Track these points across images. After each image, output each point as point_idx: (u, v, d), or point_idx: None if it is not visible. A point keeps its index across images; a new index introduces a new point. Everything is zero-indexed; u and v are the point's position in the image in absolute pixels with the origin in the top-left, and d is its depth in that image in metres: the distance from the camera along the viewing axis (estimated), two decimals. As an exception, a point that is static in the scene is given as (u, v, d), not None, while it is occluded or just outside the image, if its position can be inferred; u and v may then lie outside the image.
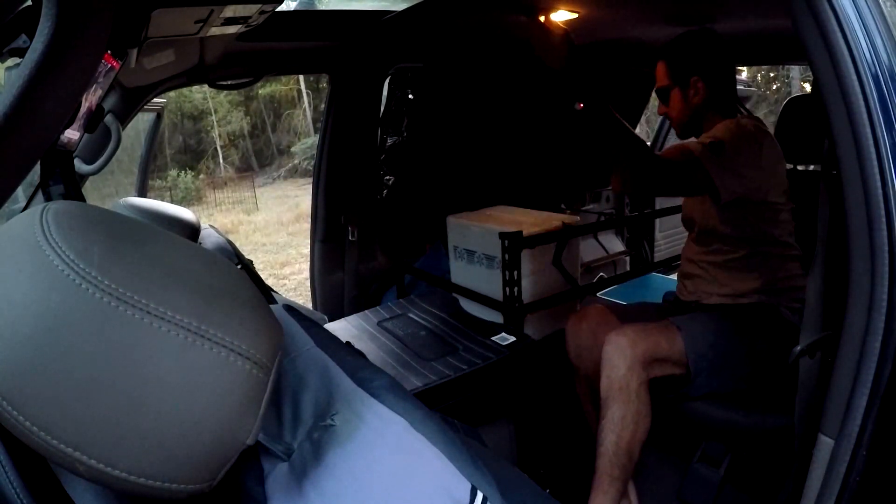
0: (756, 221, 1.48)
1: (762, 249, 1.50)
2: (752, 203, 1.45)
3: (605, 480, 1.37)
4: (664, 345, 1.40)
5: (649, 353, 1.38)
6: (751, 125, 1.45)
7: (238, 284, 0.47)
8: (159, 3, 0.97)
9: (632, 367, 1.36)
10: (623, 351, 1.37)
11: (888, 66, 0.79)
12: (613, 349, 1.38)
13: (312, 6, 2.16)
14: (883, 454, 0.82)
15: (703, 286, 1.58)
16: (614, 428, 1.36)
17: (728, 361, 1.41)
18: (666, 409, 1.45)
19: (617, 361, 1.37)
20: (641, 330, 1.41)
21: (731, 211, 1.47)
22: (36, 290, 0.37)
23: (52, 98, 0.59)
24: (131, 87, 1.60)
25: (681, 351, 1.40)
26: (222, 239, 1.46)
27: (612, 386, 1.37)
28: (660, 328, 1.44)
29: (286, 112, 16.82)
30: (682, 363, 1.41)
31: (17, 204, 1.31)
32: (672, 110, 1.58)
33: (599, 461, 1.38)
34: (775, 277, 1.50)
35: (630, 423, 1.36)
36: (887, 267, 0.77)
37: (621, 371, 1.36)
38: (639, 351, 1.37)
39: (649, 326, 1.44)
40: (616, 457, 1.36)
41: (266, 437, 0.49)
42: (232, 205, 12.43)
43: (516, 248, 1.73)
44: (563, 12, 1.82)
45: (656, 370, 1.39)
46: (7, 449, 0.44)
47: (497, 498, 0.47)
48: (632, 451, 1.37)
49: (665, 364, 1.40)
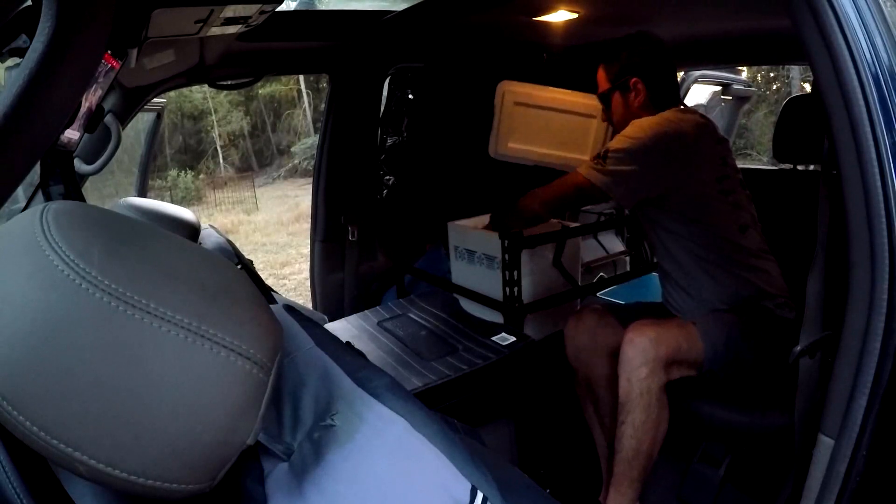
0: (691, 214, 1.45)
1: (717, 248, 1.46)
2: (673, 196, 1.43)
3: (624, 482, 1.36)
4: (684, 345, 1.36)
5: (671, 355, 1.34)
6: (658, 120, 1.44)
7: (238, 284, 0.47)
8: (159, 3, 0.97)
9: (653, 371, 1.32)
10: (645, 353, 1.32)
11: (888, 66, 0.79)
12: (635, 351, 1.33)
13: (312, 6, 2.16)
14: (883, 454, 0.82)
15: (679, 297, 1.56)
16: (635, 433, 1.34)
17: (737, 355, 1.39)
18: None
19: (637, 364, 1.32)
20: (661, 328, 1.36)
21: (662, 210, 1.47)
22: (36, 290, 0.37)
23: (52, 98, 0.59)
24: (131, 87, 1.60)
25: (699, 350, 1.37)
26: (222, 239, 1.46)
27: (632, 390, 1.33)
28: (679, 327, 1.40)
29: (286, 112, 16.81)
30: (696, 364, 1.38)
31: (17, 204, 1.31)
32: (614, 114, 1.58)
33: (618, 466, 1.37)
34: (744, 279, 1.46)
35: (651, 429, 1.34)
36: (887, 267, 0.77)
37: (642, 374, 1.32)
38: (661, 352, 1.32)
39: (667, 324, 1.40)
40: (636, 461, 1.35)
41: (266, 437, 0.49)
42: (232, 205, 12.43)
43: (516, 248, 1.73)
44: (563, 12, 1.82)
45: (674, 373, 1.36)
46: (7, 449, 0.44)
47: (497, 498, 0.47)
48: (651, 455, 1.36)
49: (682, 366, 1.37)
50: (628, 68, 1.53)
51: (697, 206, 1.45)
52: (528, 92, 1.88)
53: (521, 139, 1.92)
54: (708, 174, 1.45)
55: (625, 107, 1.55)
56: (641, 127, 1.43)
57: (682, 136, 1.43)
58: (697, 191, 1.44)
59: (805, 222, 1.39)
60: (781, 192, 1.84)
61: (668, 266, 1.56)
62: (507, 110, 1.90)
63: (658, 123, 1.43)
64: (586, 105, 1.82)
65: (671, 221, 1.48)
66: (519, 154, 1.91)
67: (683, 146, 1.43)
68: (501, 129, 1.92)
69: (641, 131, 1.42)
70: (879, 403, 0.79)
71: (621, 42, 1.56)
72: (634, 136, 1.42)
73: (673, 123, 1.43)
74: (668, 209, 1.46)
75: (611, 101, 1.58)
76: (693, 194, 1.44)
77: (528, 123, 1.90)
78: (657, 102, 1.52)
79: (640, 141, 1.41)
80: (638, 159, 1.40)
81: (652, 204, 1.47)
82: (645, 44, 1.54)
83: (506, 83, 1.89)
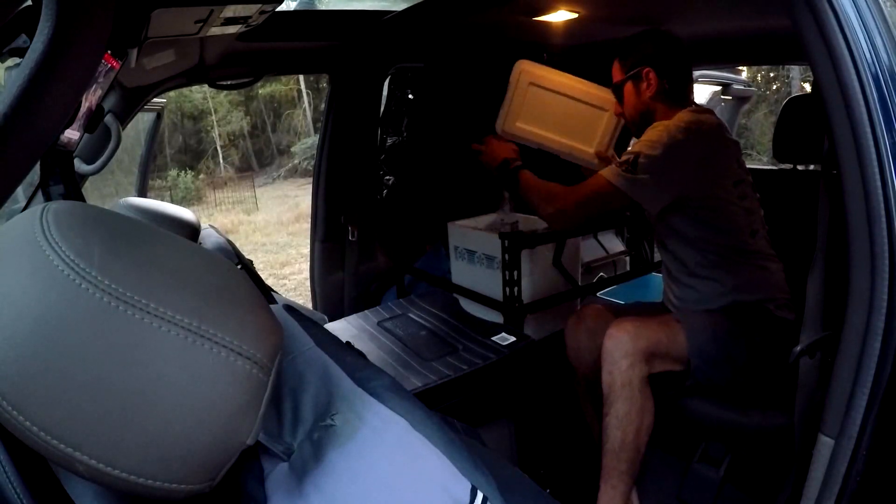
0: (708, 219, 1.45)
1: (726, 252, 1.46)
2: (693, 200, 1.43)
3: (613, 475, 1.37)
4: (664, 339, 1.39)
5: (650, 348, 1.36)
6: (684, 123, 1.43)
7: (238, 284, 0.47)
8: (159, 3, 0.97)
9: (633, 364, 1.35)
10: (623, 346, 1.35)
11: (888, 66, 0.79)
12: (614, 344, 1.37)
13: (312, 6, 2.16)
14: (883, 454, 0.82)
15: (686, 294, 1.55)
16: (619, 424, 1.36)
17: (728, 354, 1.39)
18: (667, 409, 1.45)
19: (618, 357, 1.36)
20: (641, 324, 1.39)
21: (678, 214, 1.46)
22: (36, 290, 0.37)
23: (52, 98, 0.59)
24: (131, 87, 1.60)
25: (682, 345, 1.39)
26: (222, 239, 1.46)
27: (614, 382, 1.36)
28: (660, 322, 1.42)
29: (286, 112, 16.82)
30: (682, 359, 1.40)
31: (17, 204, 1.31)
32: (626, 106, 1.58)
33: (606, 458, 1.38)
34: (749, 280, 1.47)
35: (635, 419, 1.35)
36: (887, 267, 0.77)
37: (623, 367, 1.35)
38: (640, 345, 1.35)
39: (649, 320, 1.42)
40: (623, 452, 1.36)
41: (266, 437, 0.49)
42: (232, 205, 12.43)
43: (516, 248, 1.73)
44: (563, 12, 1.82)
45: (657, 366, 1.38)
46: (7, 449, 0.44)
47: (497, 498, 0.47)
48: (639, 446, 1.37)
49: (666, 359, 1.39)
50: (641, 59, 1.53)
51: (713, 211, 1.44)
52: (544, 74, 1.87)
53: (530, 120, 1.91)
54: (728, 178, 1.45)
55: (637, 97, 1.55)
56: (668, 131, 1.41)
57: (708, 139, 1.43)
58: (716, 195, 1.44)
59: (805, 222, 1.39)
60: (781, 192, 1.83)
61: (672, 266, 1.56)
62: (521, 88, 1.88)
63: (685, 127, 1.41)
64: (599, 97, 1.82)
65: (685, 225, 1.48)
66: (525, 135, 1.90)
67: (710, 150, 1.43)
68: (513, 106, 1.90)
69: (669, 136, 1.40)
70: (879, 403, 0.79)
71: (637, 36, 1.57)
72: (662, 141, 1.40)
73: (697, 125, 1.42)
74: (684, 212, 1.46)
75: (623, 93, 1.58)
76: (712, 199, 1.44)
77: (539, 105, 1.89)
78: (669, 95, 1.52)
79: (670, 146, 1.39)
80: (669, 165, 1.39)
81: (669, 208, 1.46)
82: (660, 37, 1.55)
83: (524, 62, 1.87)
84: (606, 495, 1.37)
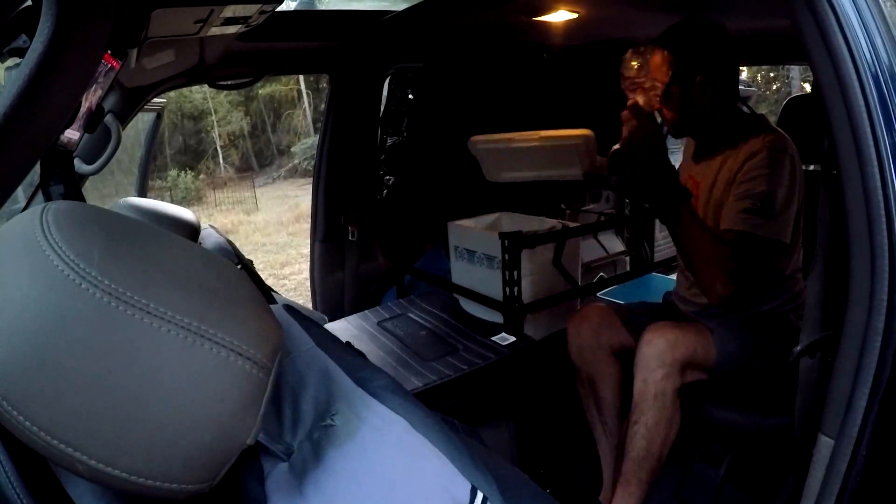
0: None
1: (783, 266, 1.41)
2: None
3: (632, 482, 1.36)
4: (700, 350, 1.36)
5: (686, 359, 1.33)
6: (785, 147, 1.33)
7: (238, 284, 0.47)
8: (159, 3, 0.97)
9: (668, 374, 1.32)
10: (662, 355, 1.32)
11: (888, 66, 0.79)
12: (652, 352, 1.33)
13: (312, 6, 2.16)
14: (883, 454, 0.82)
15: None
16: (647, 434, 1.34)
17: (750, 364, 1.38)
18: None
19: (654, 366, 1.32)
20: (680, 333, 1.35)
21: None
22: (36, 290, 0.37)
23: (52, 98, 0.59)
24: (131, 87, 1.60)
25: (711, 355, 1.37)
26: (222, 239, 1.46)
27: (647, 391, 1.33)
28: (696, 331, 1.39)
29: (286, 112, 16.82)
30: (709, 368, 1.38)
31: (17, 204, 1.31)
32: (670, 105, 1.42)
33: (627, 465, 1.37)
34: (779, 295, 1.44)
35: (663, 430, 1.34)
36: (887, 267, 0.76)
37: (658, 376, 1.32)
38: (678, 355, 1.32)
39: (686, 328, 1.39)
40: (646, 462, 1.35)
41: (266, 437, 0.49)
42: (232, 205, 12.43)
43: (516, 248, 1.73)
44: (563, 12, 1.82)
45: (688, 376, 1.36)
46: (7, 449, 0.43)
47: (497, 498, 0.47)
48: (662, 456, 1.36)
49: (696, 370, 1.37)
50: (695, 65, 1.35)
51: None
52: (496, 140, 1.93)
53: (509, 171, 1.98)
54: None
55: (682, 104, 1.40)
56: (773, 156, 1.31)
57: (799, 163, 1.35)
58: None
59: (805, 222, 1.39)
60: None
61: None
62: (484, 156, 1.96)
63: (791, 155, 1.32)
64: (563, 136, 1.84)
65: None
66: (515, 179, 1.97)
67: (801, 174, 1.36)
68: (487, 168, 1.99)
69: (777, 162, 1.30)
70: (879, 403, 0.79)
71: (686, 30, 1.37)
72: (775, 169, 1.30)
73: (794, 150, 1.34)
74: None
75: (669, 94, 1.38)
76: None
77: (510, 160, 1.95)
78: (719, 98, 1.40)
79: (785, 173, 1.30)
80: (793, 191, 1.31)
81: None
82: (713, 35, 1.37)
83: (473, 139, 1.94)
84: (622, 501, 1.37)
